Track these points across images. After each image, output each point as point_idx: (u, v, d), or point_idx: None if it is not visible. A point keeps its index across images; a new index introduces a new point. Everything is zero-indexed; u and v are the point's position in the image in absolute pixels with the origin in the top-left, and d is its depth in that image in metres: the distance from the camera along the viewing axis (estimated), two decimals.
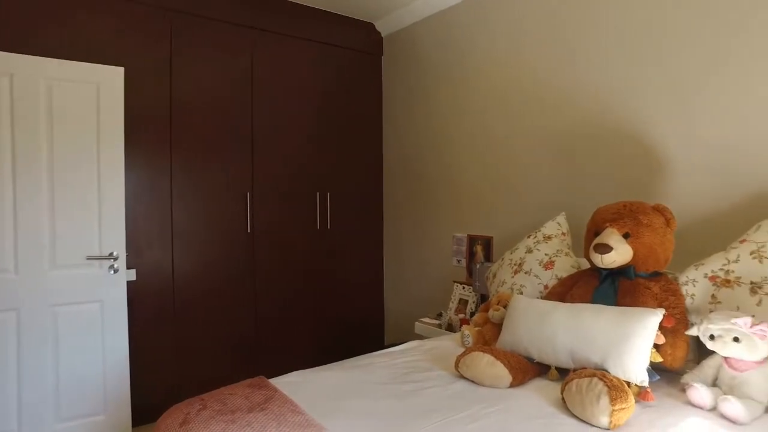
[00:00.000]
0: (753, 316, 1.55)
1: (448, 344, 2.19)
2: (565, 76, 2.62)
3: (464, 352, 1.79)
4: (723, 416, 1.45)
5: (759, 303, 1.64)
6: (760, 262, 1.70)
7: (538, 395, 1.63)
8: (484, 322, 2.14)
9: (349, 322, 3.69)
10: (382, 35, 3.83)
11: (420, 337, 2.86)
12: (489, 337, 2.04)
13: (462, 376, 1.77)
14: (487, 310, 2.16)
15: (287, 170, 3.37)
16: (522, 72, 2.84)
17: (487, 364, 1.69)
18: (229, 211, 3.14)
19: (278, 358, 3.28)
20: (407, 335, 3.31)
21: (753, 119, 1.96)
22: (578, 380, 1.48)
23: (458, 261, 3.21)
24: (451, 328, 2.84)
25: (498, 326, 2.02)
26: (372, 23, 3.78)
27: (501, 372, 1.68)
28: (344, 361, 2.00)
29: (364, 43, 3.74)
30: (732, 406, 1.42)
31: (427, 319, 3.04)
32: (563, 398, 1.51)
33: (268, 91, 3.27)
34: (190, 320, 2.99)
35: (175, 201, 2.94)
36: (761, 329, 1.47)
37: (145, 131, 2.81)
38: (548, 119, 2.71)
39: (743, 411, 1.41)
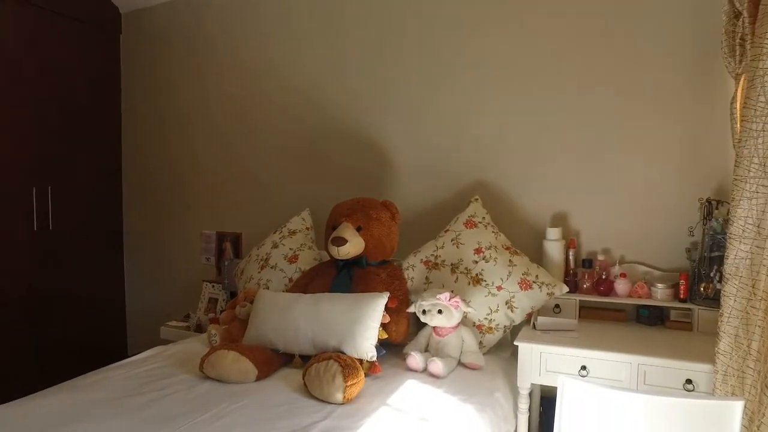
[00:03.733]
0: (452, 291, 1.93)
1: (194, 346, 2.11)
2: (310, 79, 2.77)
3: (208, 351, 1.76)
4: (430, 374, 1.77)
5: (456, 280, 2.05)
6: (458, 247, 2.11)
7: (283, 384, 1.70)
8: (231, 320, 2.13)
9: (82, 337, 3.20)
10: (121, 11, 3.42)
11: (166, 343, 2.68)
12: (236, 334, 2.04)
13: (208, 377, 1.73)
14: (234, 308, 2.15)
15: None
16: (270, 70, 2.89)
17: (232, 361, 1.69)
18: None
19: None
20: (155, 342, 3.06)
21: (463, 129, 2.42)
22: (317, 364, 1.60)
23: (207, 259, 3.11)
24: (200, 329, 2.74)
25: (245, 323, 2.03)
26: None
27: (246, 366, 1.70)
28: (69, 381, 1.74)
29: (96, 16, 3.27)
30: (434, 365, 1.76)
31: (174, 322, 2.87)
32: (305, 383, 1.61)
33: None
34: None
35: None
36: (456, 301, 1.85)
37: None
38: (295, 120, 2.83)
39: (442, 367, 1.76)
